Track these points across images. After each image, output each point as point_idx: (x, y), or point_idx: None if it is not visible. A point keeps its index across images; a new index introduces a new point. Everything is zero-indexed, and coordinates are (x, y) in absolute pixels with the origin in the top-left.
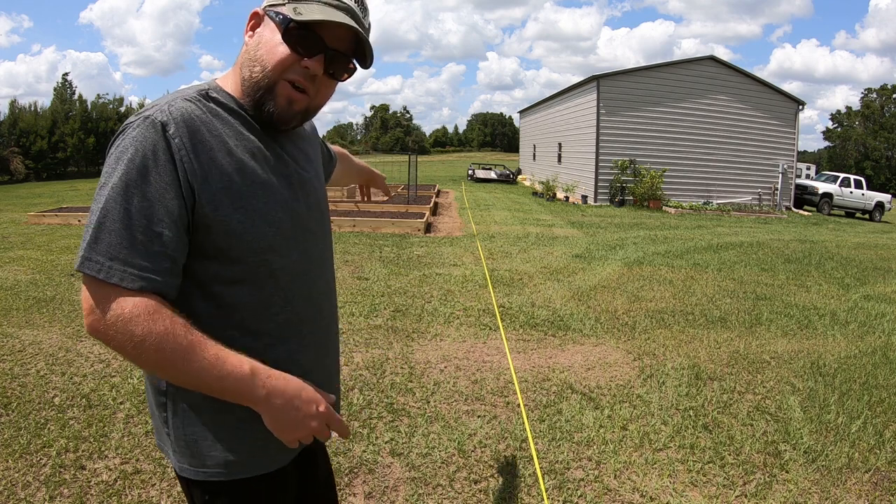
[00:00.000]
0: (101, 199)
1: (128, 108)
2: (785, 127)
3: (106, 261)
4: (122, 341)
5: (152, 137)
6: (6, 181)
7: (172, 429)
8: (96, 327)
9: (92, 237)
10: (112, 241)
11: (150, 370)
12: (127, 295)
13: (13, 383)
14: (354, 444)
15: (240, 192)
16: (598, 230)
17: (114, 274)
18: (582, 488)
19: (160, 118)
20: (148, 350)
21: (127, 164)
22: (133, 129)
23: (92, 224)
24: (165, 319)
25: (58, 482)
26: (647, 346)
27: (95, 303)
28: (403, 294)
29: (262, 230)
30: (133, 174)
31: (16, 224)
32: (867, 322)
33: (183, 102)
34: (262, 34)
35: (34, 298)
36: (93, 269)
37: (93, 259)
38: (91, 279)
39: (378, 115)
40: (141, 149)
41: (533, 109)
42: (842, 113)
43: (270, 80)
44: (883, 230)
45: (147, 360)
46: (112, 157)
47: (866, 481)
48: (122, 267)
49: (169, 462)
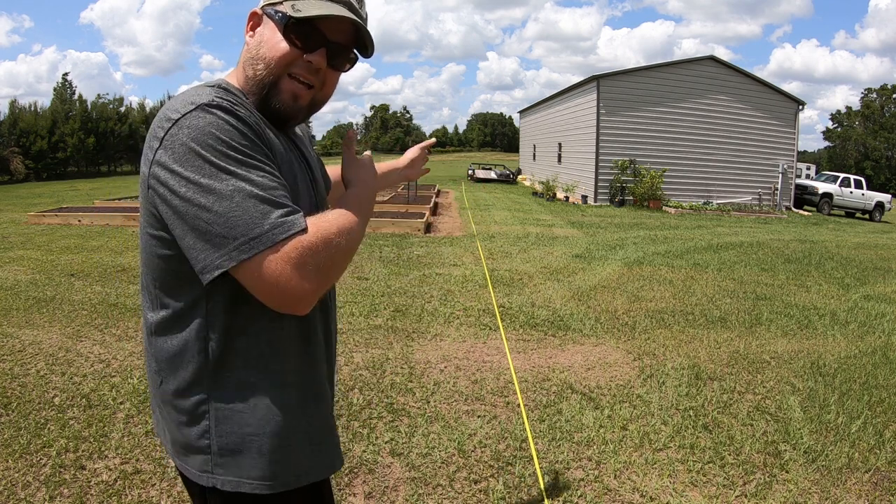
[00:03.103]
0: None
1: (128, 108)
2: (785, 127)
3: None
4: (340, 258)
5: (229, 116)
6: (6, 181)
7: (216, 437)
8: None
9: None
10: (268, 208)
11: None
12: (299, 232)
13: (13, 383)
14: (354, 444)
15: (289, 174)
16: (598, 230)
17: (291, 226)
18: (582, 488)
19: (222, 103)
20: (351, 241)
21: (223, 143)
22: (197, 117)
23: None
24: (324, 216)
25: (58, 482)
26: (647, 346)
27: (298, 261)
28: (403, 294)
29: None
30: (238, 149)
31: (16, 224)
32: (867, 322)
33: (218, 90)
34: (263, 33)
35: (34, 298)
36: (279, 233)
37: (274, 227)
38: (275, 249)
39: (378, 115)
40: (228, 127)
41: (533, 109)
42: (842, 113)
43: (274, 77)
44: (883, 230)
45: (353, 248)
46: (191, 151)
47: (866, 481)
48: (291, 216)
49: (169, 462)
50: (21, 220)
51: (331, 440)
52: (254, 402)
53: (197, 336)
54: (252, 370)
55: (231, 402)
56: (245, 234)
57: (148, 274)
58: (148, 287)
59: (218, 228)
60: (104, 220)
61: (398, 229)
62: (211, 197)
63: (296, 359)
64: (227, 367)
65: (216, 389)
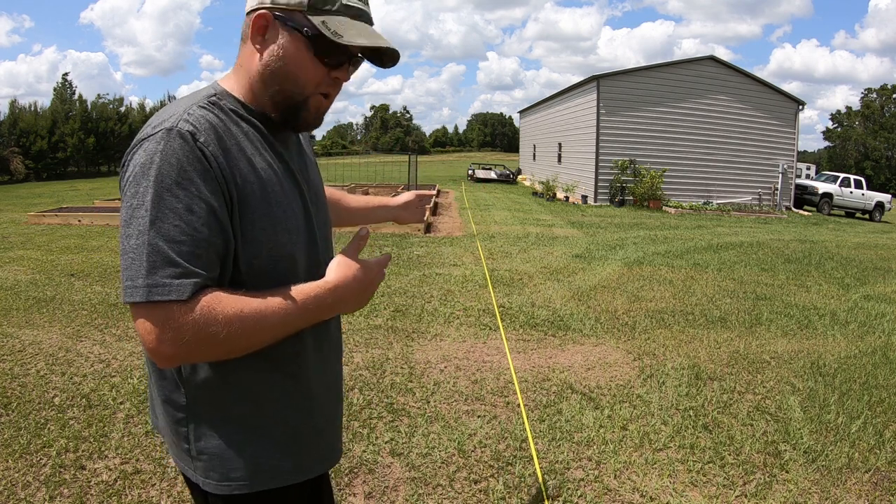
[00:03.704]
0: (145, 220)
1: (128, 108)
2: (785, 127)
3: (163, 280)
4: (209, 345)
5: (183, 148)
6: (6, 181)
7: (193, 444)
8: (172, 352)
9: (145, 265)
10: (159, 261)
11: (245, 350)
12: (190, 303)
13: (13, 383)
14: (354, 445)
15: (262, 202)
16: (598, 230)
17: (169, 291)
18: (582, 488)
19: (186, 128)
20: (235, 337)
21: (167, 179)
22: (155, 142)
23: (139, 249)
24: (230, 301)
25: (58, 482)
26: (647, 346)
27: (162, 327)
28: (403, 294)
29: (282, 239)
30: (176, 190)
31: (16, 224)
32: (867, 322)
33: (199, 110)
34: (286, 47)
35: (34, 298)
36: (154, 293)
37: (153, 285)
38: (147, 305)
39: (378, 115)
40: (174, 161)
41: (533, 109)
42: (842, 113)
43: (304, 97)
44: (883, 230)
45: (239, 345)
46: (143, 175)
47: (866, 481)
48: (178, 280)
49: (169, 462)
50: (21, 220)
51: (318, 441)
52: (231, 406)
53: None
54: (229, 375)
55: (210, 406)
56: (131, 280)
57: None
58: None
59: (122, 263)
60: (104, 220)
61: (398, 229)
62: (125, 230)
63: (278, 364)
64: (203, 372)
65: (196, 394)
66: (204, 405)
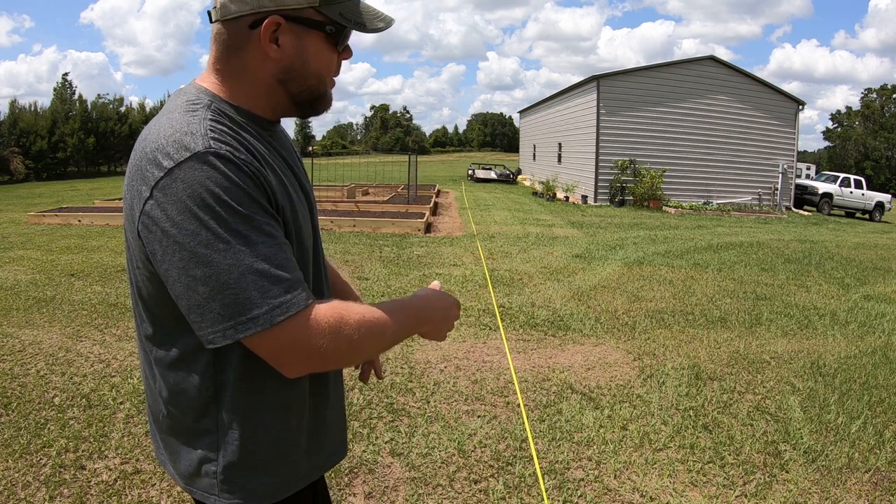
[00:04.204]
0: (223, 254)
1: (128, 108)
2: (785, 127)
3: (279, 300)
4: (343, 351)
5: (228, 168)
6: (6, 181)
7: (222, 458)
8: (310, 361)
9: (255, 293)
10: (266, 284)
11: (371, 356)
12: (308, 314)
13: (13, 383)
14: (354, 445)
15: (290, 211)
16: (598, 230)
17: (289, 307)
18: (582, 488)
19: (213, 148)
20: (366, 340)
21: (221, 207)
22: (192, 170)
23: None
24: (349, 306)
25: (58, 482)
26: (647, 346)
27: (292, 342)
28: (403, 294)
29: (303, 246)
30: (238, 212)
31: (16, 224)
32: (867, 322)
33: (210, 123)
34: (306, 48)
35: (34, 298)
36: (277, 314)
37: (273, 308)
38: (275, 330)
39: (378, 115)
40: (226, 185)
41: (533, 109)
42: (842, 113)
43: (327, 87)
44: (883, 230)
45: (368, 349)
46: (183, 212)
47: (866, 481)
48: (291, 294)
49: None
50: (21, 220)
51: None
52: (257, 424)
53: (204, 373)
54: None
55: (236, 426)
56: (242, 315)
57: (147, 308)
58: (144, 317)
59: (213, 305)
60: (104, 220)
61: (398, 229)
62: (207, 269)
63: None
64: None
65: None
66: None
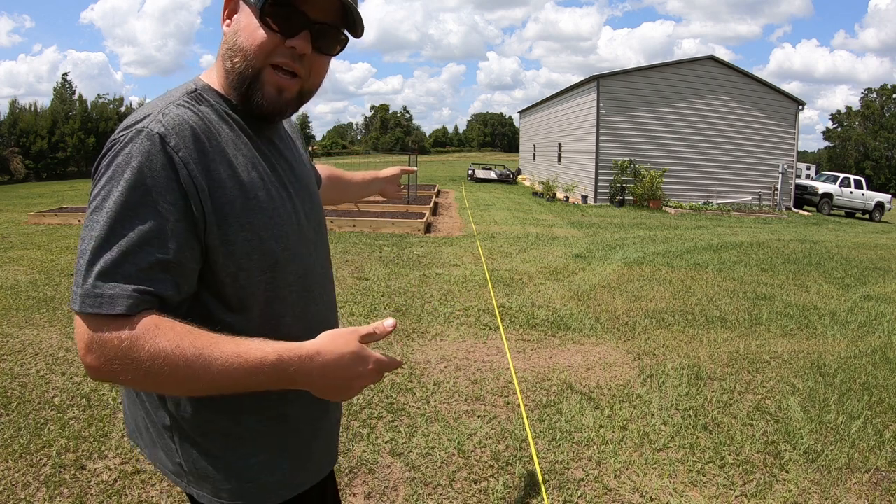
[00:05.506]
0: (96, 226)
1: (128, 108)
2: (785, 127)
3: (97, 291)
4: (130, 372)
5: (151, 152)
6: (6, 181)
7: (184, 461)
8: (97, 366)
9: (86, 270)
10: (98, 272)
11: (171, 392)
12: (121, 321)
13: (13, 383)
14: (354, 444)
15: (245, 209)
16: (598, 230)
17: (103, 303)
18: (582, 488)
19: (157, 129)
20: (160, 373)
21: (124, 184)
22: (126, 143)
23: (87, 254)
24: (168, 332)
25: (58, 482)
26: (647, 346)
27: (90, 339)
28: (403, 294)
29: (269, 247)
30: (133, 196)
31: (16, 224)
32: (867, 322)
33: (177, 109)
34: (240, 20)
35: (34, 298)
36: (86, 305)
37: (86, 295)
38: (78, 315)
39: (378, 115)
40: (139, 166)
41: (533, 109)
42: (842, 113)
43: (255, 69)
44: (883, 230)
45: (163, 383)
46: (104, 176)
47: (866, 481)
48: (111, 292)
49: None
50: (21, 220)
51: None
52: (215, 425)
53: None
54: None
55: (193, 424)
56: (76, 285)
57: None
58: None
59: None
60: None
61: (398, 229)
62: (82, 231)
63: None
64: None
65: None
66: (188, 427)
